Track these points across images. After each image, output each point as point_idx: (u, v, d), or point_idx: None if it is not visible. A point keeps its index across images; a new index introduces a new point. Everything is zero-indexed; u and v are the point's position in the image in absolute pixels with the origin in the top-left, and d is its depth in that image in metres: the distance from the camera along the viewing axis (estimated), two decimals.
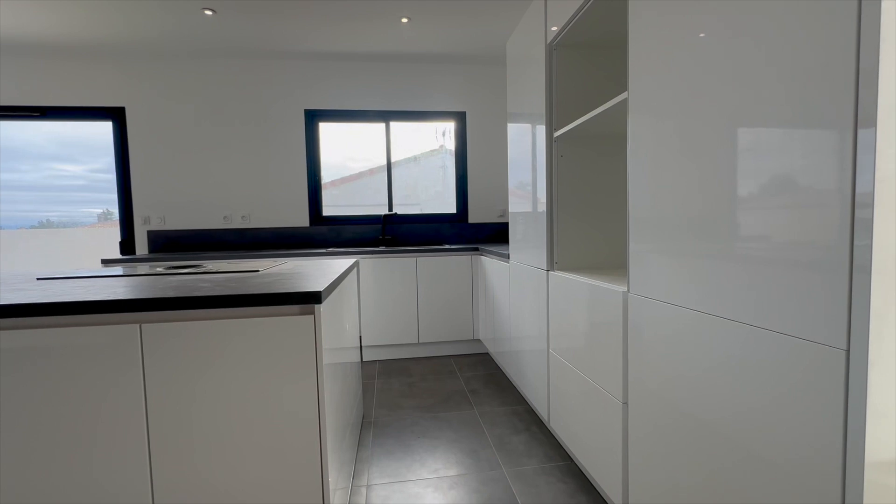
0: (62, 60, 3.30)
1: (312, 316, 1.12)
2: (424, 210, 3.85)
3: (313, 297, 1.11)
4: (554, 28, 1.72)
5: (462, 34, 3.15)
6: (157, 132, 3.42)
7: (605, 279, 1.45)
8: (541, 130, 1.88)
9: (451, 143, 3.89)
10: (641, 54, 1.14)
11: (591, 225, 1.84)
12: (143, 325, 1.06)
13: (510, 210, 2.43)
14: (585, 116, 1.47)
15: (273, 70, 3.51)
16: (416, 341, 3.19)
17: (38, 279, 1.55)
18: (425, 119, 3.76)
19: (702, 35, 0.92)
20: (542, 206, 1.88)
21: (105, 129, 3.48)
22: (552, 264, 1.84)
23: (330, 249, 3.21)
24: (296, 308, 1.13)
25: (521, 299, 2.24)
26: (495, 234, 3.85)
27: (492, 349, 2.98)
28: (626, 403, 1.26)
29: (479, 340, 3.30)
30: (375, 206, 3.79)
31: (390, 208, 3.77)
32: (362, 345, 3.15)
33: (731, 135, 0.86)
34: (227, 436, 1.10)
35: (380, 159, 3.79)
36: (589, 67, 1.80)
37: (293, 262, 2.06)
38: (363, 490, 1.64)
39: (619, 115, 1.36)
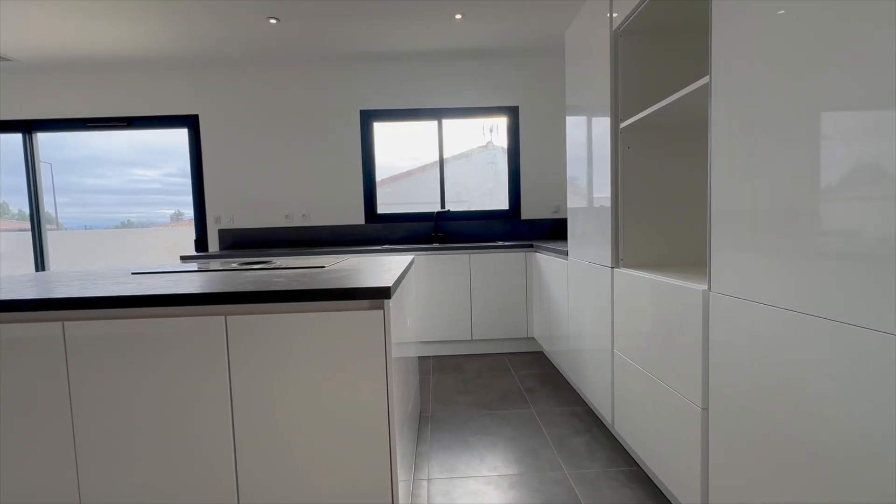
0: (143, 73, 3.60)
1: (382, 311, 1.15)
2: (472, 207, 3.84)
3: (383, 293, 1.13)
4: (619, 14, 1.64)
5: (516, 27, 3.10)
6: (226, 137, 3.65)
7: (679, 277, 1.37)
8: (604, 122, 1.81)
9: (498, 140, 3.85)
10: (726, 35, 1.06)
11: (659, 220, 1.74)
12: (228, 317, 1.13)
13: (569, 206, 2.36)
14: (658, 104, 1.39)
15: (330, 72, 3.64)
16: (470, 338, 3.19)
17: (132, 273, 1.70)
18: (477, 115, 3.74)
19: (795, 11, 0.84)
20: (606, 201, 1.81)
21: (176, 135, 3.77)
22: (617, 261, 1.76)
23: (385, 247, 3.28)
24: (365, 303, 1.16)
25: (580, 297, 2.17)
26: (549, 231, 3.77)
27: (547, 348, 2.92)
28: (705, 409, 1.18)
29: (533, 338, 3.24)
30: (425, 203, 3.83)
31: (443, 205, 3.79)
32: (417, 341, 3.20)
33: (832, 120, 0.77)
34: (304, 424, 1.15)
35: (427, 157, 3.82)
36: (657, 54, 1.70)
37: (354, 259, 2.12)
38: (424, 483, 1.66)
39: (698, 101, 1.28)
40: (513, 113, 3.72)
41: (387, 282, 1.20)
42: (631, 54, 1.69)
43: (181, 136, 3.75)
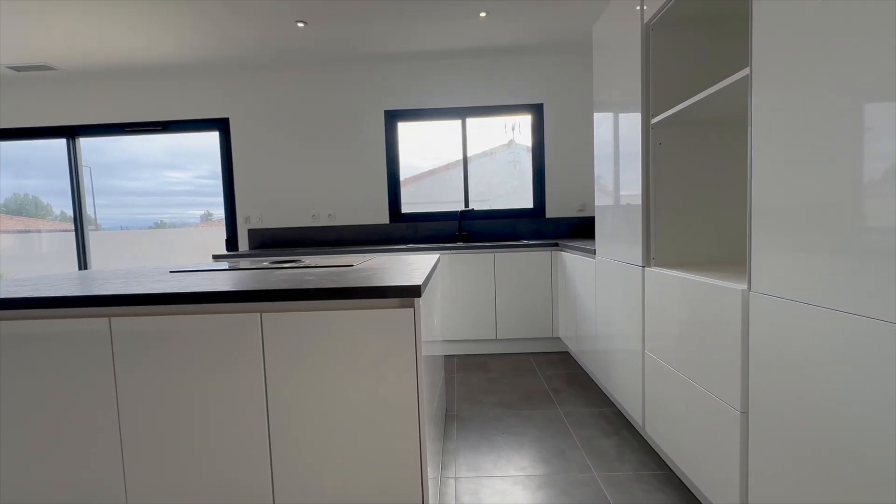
0: (177, 79, 3.73)
1: (412, 309, 1.15)
2: (495, 206, 3.82)
3: (413, 291, 1.14)
4: (650, 7, 1.60)
5: (541, 24, 3.06)
6: (255, 139, 3.75)
7: (715, 276, 1.32)
8: (634, 118, 1.77)
9: (521, 138, 3.82)
10: (768, 24, 1.02)
11: (692, 218, 1.69)
12: (263, 315, 1.16)
13: (596, 204, 2.32)
14: (694, 98, 1.35)
15: (355, 73, 3.68)
16: (494, 337, 3.18)
17: (170, 272, 1.76)
18: (501, 113, 3.72)
19: None
20: (637, 199, 1.77)
21: (206, 138, 3.89)
22: (648, 260, 1.72)
23: (409, 246, 3.30)
24: (395, 301, 1.17)
25: (609, 296, 2.13)
26: (575, 230, 3.71)
27: (573, 348, 2.88)
28: (745, 413, 1.14)
29: (558, 338, 3.20)
30: (448, 203, 3.83)
31: (466, 204, 3.79)
32: (442, 339, 3.21)
33: (881, 112, 0.73)
34: (335, 420, 1.17)
35: (447, 156, 3.83)
36: (690, 48, 1.65)
37: (380, 258, 2.15)
38: (451, 482, 1.67)
39: (737, 95, 1.23)
40: (537, 110, 3.69)
41: (416, 280, 1.21)
42: (662, 48, 1.65)
43: (211, 138, 3.87)
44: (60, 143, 3.88)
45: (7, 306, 1.17)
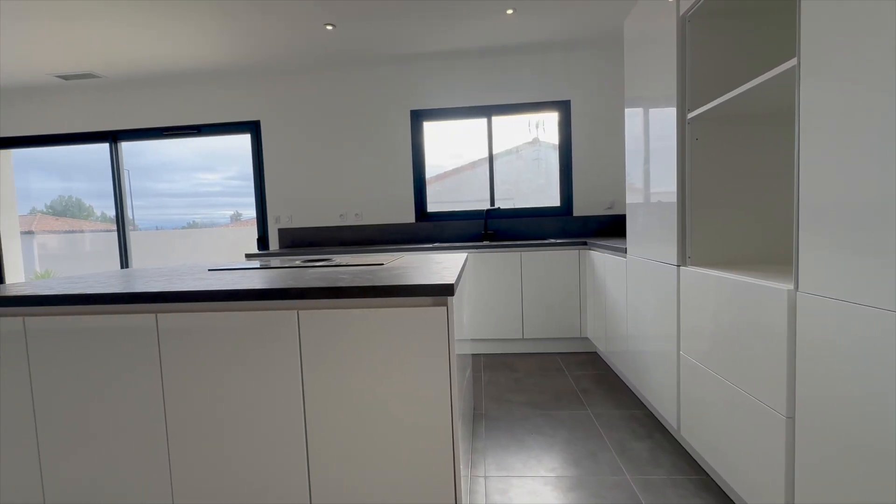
0: (211, 84, 3.85)
1: (445, 307, 1.16)
2: (518, 205, 3.79)
3: (447, 290, 1.14)
4: None
5: (568, 19, 3.02)
6: (284, 140, 3.84)
7: (756, 276, 1.28)
8: (669, 113, 1.72)
9: (545, 136, 3.78)
10: (817, 13, 0.97)
11: (731, 215, 1.64)
12: (300, 312, 1.19)
13: (627, 201, 2.28)
14: (735, 91, 1.30)
15: (382, 74, 3.72)
16: (521, 337, 3.16)
17: (209, 270, 1.83)
18: (527, 111, 3.68)
19: None
20: (671, 196, 1.72)
21: (236, 141, 4.01)
22: (684, 259, 1.68)
23: (435, 245, 3.31)
24: (429, 300, 1.18)
25: (641, 296, 2.09)
26: (603, 228, 3.65)
27: (602, 348, 2.83)
28: (791, 418, 1.10)
29: (586, 338, 3.15)
30: (472, 202, 3.82)
31: (492, 203, 3.78)
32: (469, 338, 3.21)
33: None
34: (370, 416, 1.19)
35: (470, 155, 3.83)
36: (728, 40, 1.59)
37: (408, 257, 2.16)
38: (481, 480, 1.67)
39: (782, 87, 1.18)
40: (564, 107, 3.64)
41: (449, 279, 1.21)
42: (699, 41, 1.60)
43: (240, 141, 3.99)
44: (102, 148, 4.08)
45: (62, 302, 1.24)
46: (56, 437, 1.28)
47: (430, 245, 3.28)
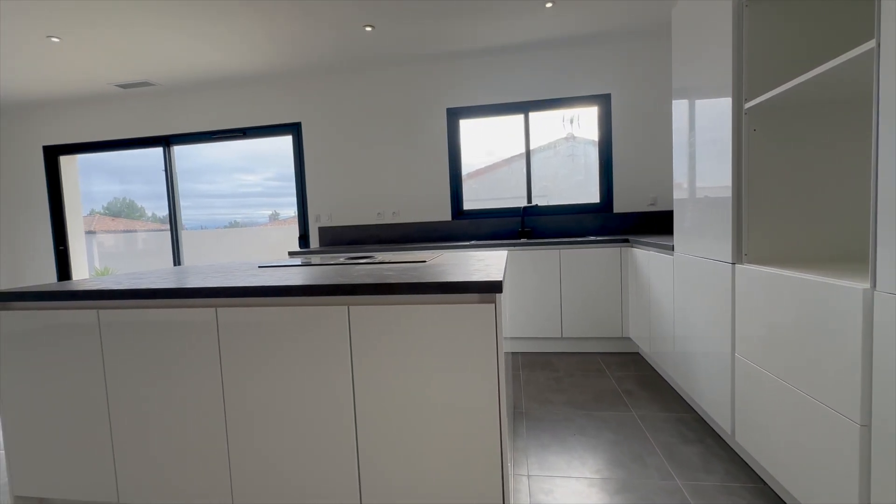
0: (255, 88, 4.00)
1: (493, 304, 1.15)
2: (553, 201, 3.72)
3: (495, 287, 1.14)
4: None
5: (609, 10, 2.94)
6: (324, 141, 3.94)
7: (824, 274, 1.20)
8: (723, 103, 1.64)
9: (580, 131, 3.69)
10: None
11: (792, 210, 1.54)
12: (350, 307, 1.22)
13: (675, 197, 2.19)
14: (802, 78, 1.22)
15: (419, 73, 3.75)
16: (560, 336, 3.11)
17: (259, 267, 1.90)
18: (566, 105, 3.61)
19: None
20: (726, 190, 1.64)
21: (274, 143, 4.15)
22: (740, 256, 1.60)
23: (472, 242, 3.31)
24: (476, 296, 1.18)
25: (690, 295, 2.01)
26: (645, 225, 3.53)
27: (645, 349, 2.75)
28: (865, 426, 1.02)
29: (628, 339, 3.07)
30: (506, 199, 3.79)
31: (529, 200, 3.73)
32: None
33: None
34: (419, 412, 1.21)
35: (503, 152, 3.80)
36: (791, 24, 1.50)
37: (448, 254, 2.17)
38: (524, 479, 1.66)
39: (857, 72, 1.10)
40: (604, 101, 3.54)
41: (497, 276, 1.21)
42: (759, 26, 1.51)
43: (279, 143, 4.13)
44: (153, 152, 4.32)
45: (131, 296, 1.32)
46: (127, 427, 1.37)
47: (468, 243, 3.28)
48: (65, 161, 4.51)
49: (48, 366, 1.41)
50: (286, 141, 4.10)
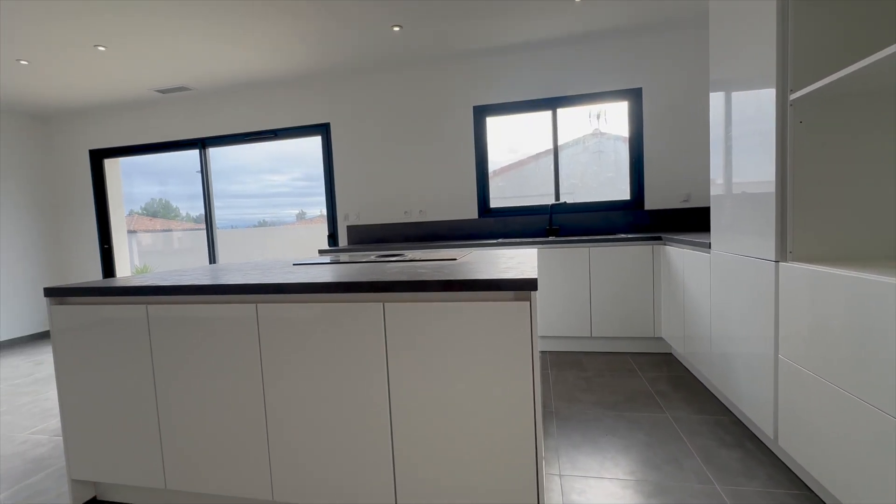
0: (286, 90, 4.10)
1: (528, 302, 1.15)
2: (580, 198, 3.66)
3: (530, 284, 1.13)
4: None
5: (641, 2, 2.86)
6: (352, 141, 4.00)
7: (880, 272, 1.14)
8: (766, 94, 1.58)
9: (607, 126, 3.62)
10: None
11: (840, 206, 1.47)
12: (385, 304, 1.23)
13: (712, 193, 2.12)
14: (860, 64, 1.16)
15: (445, 72, 3.75)
16: (589, 335, 3.06)
17: (293, 264, 1.95)
18: (595, 101, 3.55)
19: None
20: (768, 185, 1.58)
21: (301, 144, 4.25)
22: (784, 254, 1.54)
23: (499, 241, 3.29)
24: (510, 294, 1.18)
25: (729, 294, 1.94)
26: (678, 222, 3.43)
27: (679, 349, 2.67)
28: None
29: (660, 339, 2.99)
30: (532, 196, 3.76)
31: (557, 198, 3.69)
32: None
33: None
34: (453, 409, 1.21)
35: (527, 149, 3.77)
36: (840, 10, 1.43)
37: (477, 252, 2.17)
38: (556, 479, 1.64)
39: None
40: (635, 95, 3.46)
41: (531, 273, 1.20)
42: (805, 12, 1.45)
43: (305, 144, 4.23)
44: (188, 154, 4.48)
45: (178, 292, 1.38)
46: (173, 417, 1.44)
47: (494, 241, 3.27)
48: (108, 164, 4.74)
49: (101, 358, 1.49)
50: (312, 142, 4.19)
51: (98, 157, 4.67)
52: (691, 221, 3.40)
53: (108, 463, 1.52)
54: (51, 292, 1.52)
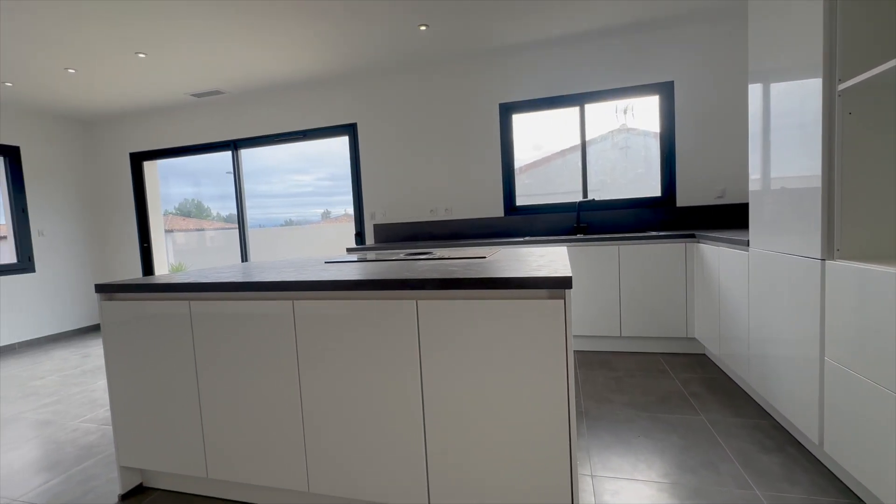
0: (314, 91, 4.18)
1: (563, 301, 1.14)
2: (606, 196, 3.59)
3: (565, 283, 1.12)
4: None
5: None
6: (378, 140, 4.05)
7: None
8: (812, 85, 1.51)
9: (634, 122, 3.53)
10: None
11: (892, 201, 1.40)
12: (419, 301, 1.25)
13: (751, 188, 2.05)
14: None
15: (471, 69, 3.75)
16: (618, 335, 3.01)
17: (325, 262, 1.99)
18: (624, 96, 3.47)
19: None
20: (813, 180, 1.52)
21: (326, 144, 4.32)
22: (830, 252, 1.47)
23: (526, 238, 3.27)
24: (544, 292, 1.17)
25: (770, 294, 1.87)
26: (712, 219, 3.33)
27: (713, 350, 2.59)
28: None
29: (693, 339, 2.91)
30: (557, 194, 3.71)
31: (584, 195, 3.63)
32: None
33: None
34: (486, 406, 1.22)
35: (551, 146, 3.72)
36: None
37: (506, 250, 2.16)
38: (588, 479, 1.63)
39: None
40: (666, 89, 3.37)
41: (566, 271, 1.19)
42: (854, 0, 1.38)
43: (330, 144, 4.30)
44: (221, 156, 4.63)
45: (219, 289, 1.43)
46: (215, 409, 1.50)
47: (521, 239, 3.25)
48: (147, 166, 4.94)
49: (147, 351, 1.56)
50: (336, 142, 4.26)
51: (138, 160, 4.88)
52: (726, 218, 3.29)
53: (154, 451, 1.59)
54: (101, 288, 1.60)
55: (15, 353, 4.09)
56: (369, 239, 4.15)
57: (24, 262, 4.34)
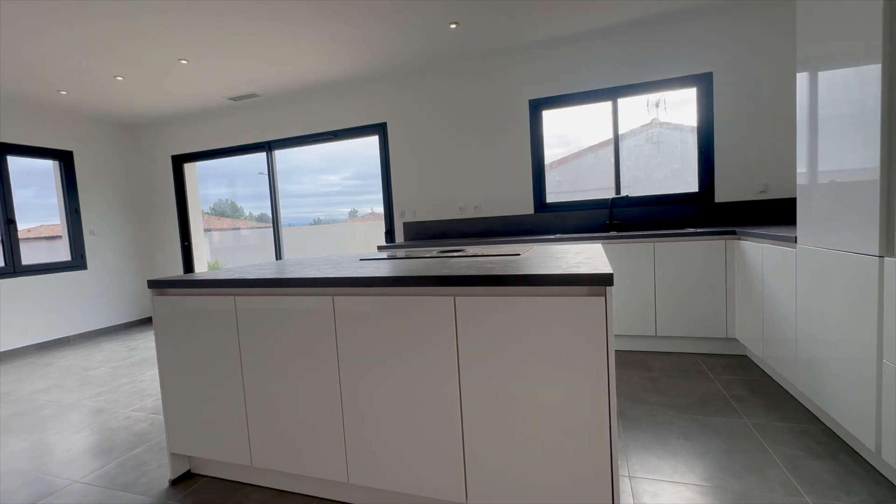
0: (345, 92, 4.25)
1: (603, 298, 1.13)
2: (637, 192, 3.49)
3: (605, 280, 1.11)
4: None
5: None
6: (408, 139, 4.08)
7: None
8: (870, 72, 1.43)
9: (665, 115, 3.42)
10: None
11: None
12: (456, 298, 1.26)
13: (798, 182, 1.95)
14: None
15: (501, 66, 3.72)
16: (654, 334, 2.93)
17: (360, 259, 2.03)
18: (659, 89, 3.37)
19: None
20: (872, 173, 1.43)
21: (353, 144, 4.39)
22: (890, 248, 1.39)
23: (558, 236, 3.23)
24: (584, 289, 1.16)
25: (820, 293, 1.78)
26: (753, 214, 3.19)
27: (756, 351, 2.49)
28: None
29: (734, 339, 2.81)
30: (587, 191, 3.64)
31: (617, 191, 3.55)
32: None
33: None
34: (524, 404, 1.22)
35: (580, 142, 3.65)
36: None
37: (538, 248, 2.15)
38: (626, 480, 1.60)
39: None
40: (704, 81, 3.25)
41: (606, 268, 1.17)
42: None
43: (357, 144, 4.37)
44: (251, 156, 4.77)
45: (262, 285, 1.48)
46: (259, 401, 1.55)
47: (552, 236, 3.21)
48: (187, 168, 5.16)
49: (195, 344, 1.64)
50: (363, 142, 4.33)
51: (179, 162, 5.10)
52: (768, 214, 3.15)
53: (202, 440, 1.67)
54: (153, 284, 1.69)
55: (70, 345, 4.36)
56: (399, 237, 4.19)
57: (77, 260, 4.61)
